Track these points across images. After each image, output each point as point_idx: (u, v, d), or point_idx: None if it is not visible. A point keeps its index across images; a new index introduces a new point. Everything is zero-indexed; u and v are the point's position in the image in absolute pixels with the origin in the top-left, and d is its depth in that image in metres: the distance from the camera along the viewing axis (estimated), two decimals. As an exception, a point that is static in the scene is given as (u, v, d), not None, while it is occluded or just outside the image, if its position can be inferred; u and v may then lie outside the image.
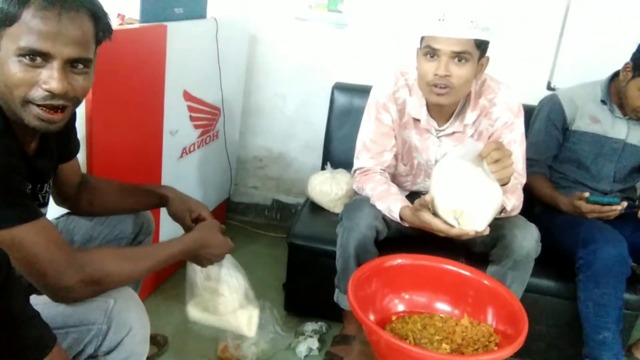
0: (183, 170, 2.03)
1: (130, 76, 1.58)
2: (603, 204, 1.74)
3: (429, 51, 1.46)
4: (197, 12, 1.95)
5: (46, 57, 0.90)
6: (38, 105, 0.93)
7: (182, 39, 1.79)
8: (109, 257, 1.04)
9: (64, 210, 1.35)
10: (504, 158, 1.30)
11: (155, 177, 1.83)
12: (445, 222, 1.34)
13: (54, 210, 1.31)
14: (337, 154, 2.25)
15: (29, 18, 0.88)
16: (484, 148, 1.31)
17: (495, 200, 1.31)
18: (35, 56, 0.90)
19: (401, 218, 1.51)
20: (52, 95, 0.92)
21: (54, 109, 0.94)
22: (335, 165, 2.14)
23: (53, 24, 0.89)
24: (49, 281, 0.95)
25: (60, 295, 0.98)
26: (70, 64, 0.93)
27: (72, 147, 1.26)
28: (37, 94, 0.92)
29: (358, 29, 2.37)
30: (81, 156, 1.39)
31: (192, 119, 2.02)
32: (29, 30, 0.89)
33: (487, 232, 1.33)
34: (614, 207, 1.72)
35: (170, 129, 1.86)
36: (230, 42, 2.16)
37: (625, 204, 1.74)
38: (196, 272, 1.35)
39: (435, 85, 1.48)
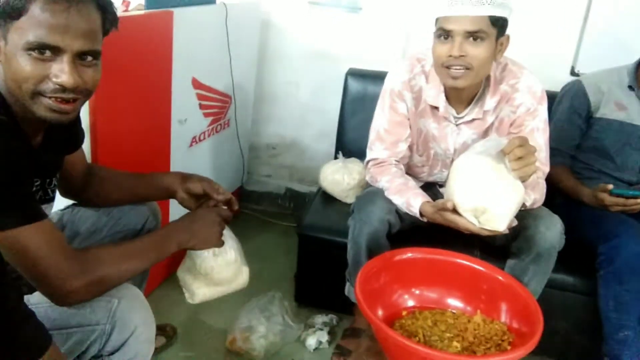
0: (193, 159, 2.01)
1: (135, 64, 1.55)
2: (627, 197, 1.66)
3: (442, 33, 1.39)
4: (206, -3, 1.91)
5: (56, 50, 0.89)
6: (49, 97, 0.91)
7: (189, 26, 1.75)
8: (110, 255, 1.02)
9: (69, 202, 1.34)
10: (528, 155, 1.24)
11: (164, 166, 1.81)
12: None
13: (59, 202, 1.30)
14: (350, 141, 2.20)
15: (37, 11, 0.87)
16: (507, 144, 1.25)
17: (517, 199, 1.26)
18: (45, 50, 0.88)
19: (421, 214, 1.46)
20: (63, 88, 0.91)
21: (65, 101, 0.93)
22: (348, 154, 2.09)
23: (62, 17, 0.88)
24: (53, 285, 0.94)
25: (65, 299, 0.97)
26: (80, 57, 0.92)
27: (77, 137, 1.24)
28: (47, 86, 0.91)
29: (373, 12, 2.30)
30: (86, 146, 1.37)
31: (201, 107, 1.99)
32: (37, 24, 0.87)
33: (506, 230, 1.29)
34: (638, 200, 1.64)
35: (179, 118, 1.83)
36: (240, 28, 2.12)
37: (651, 196, 1.66)
38: (197, 253, 1.33)
39: (450, 67, 1.40)
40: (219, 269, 1.32)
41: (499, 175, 1.24)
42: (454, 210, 1.32)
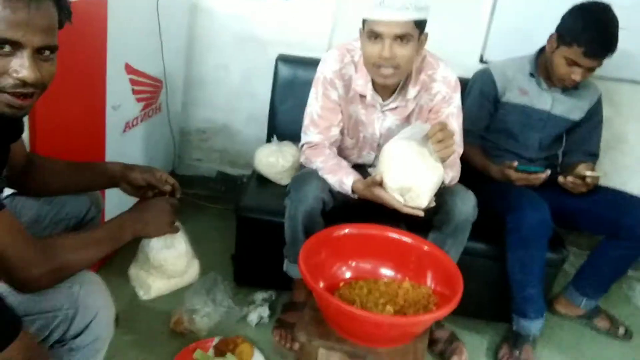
0: (127, 145, 2.00)
1: (71, 52, 1.51)
2: (530, 172, 1.86)
3: (372, 34, 1.50)
4: (136, -18, 1.89)
5: (16, 45, 0.89)
6: (8, 93, 0.92)
7: (123, 12, 1.73)
8: (71, 244, 1.05)
9: (8, 191, 1.32)
10: (447, 138, 1.41)
11: (99, 153, 1.80)
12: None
13: (-2, 192, 1.28)
14: (282, 125, 2.25)
15: None
16: (430, 129, 1.41)
17: (437, 178, 1.42)
18: (4, 45, 0.89)
19: (353, 191, 1.58)
20: (24, 83, 0.91)
21: (24, 95, 0.93)
22: (281, 137, 2.14)
23: (23, 13, 0.88)
24: (16, 273, 0.96)
25: (27, 286, 0.98)
26: (38, 52, 0.93)
27: (18, 126, 1.22)
28: (7, 82, 0.91)
29: (302, -1, 2.34)
30: (24, 134, 1.35)
31: (134, 92, 1.98)
32: None
33: (425, 209, 1.43)
34: (539, 175, 1.85)
35: (113, 104, 1.82)
36: (171, 13, 2.11)
37: (548, 172, 1.87)
38: (150, 246, 1.36)
39: (381, 67, 1.53)
40: (173, 260, 1.34)
41: (422, 157, 1.41)
42: (382, 187, 1.45)
